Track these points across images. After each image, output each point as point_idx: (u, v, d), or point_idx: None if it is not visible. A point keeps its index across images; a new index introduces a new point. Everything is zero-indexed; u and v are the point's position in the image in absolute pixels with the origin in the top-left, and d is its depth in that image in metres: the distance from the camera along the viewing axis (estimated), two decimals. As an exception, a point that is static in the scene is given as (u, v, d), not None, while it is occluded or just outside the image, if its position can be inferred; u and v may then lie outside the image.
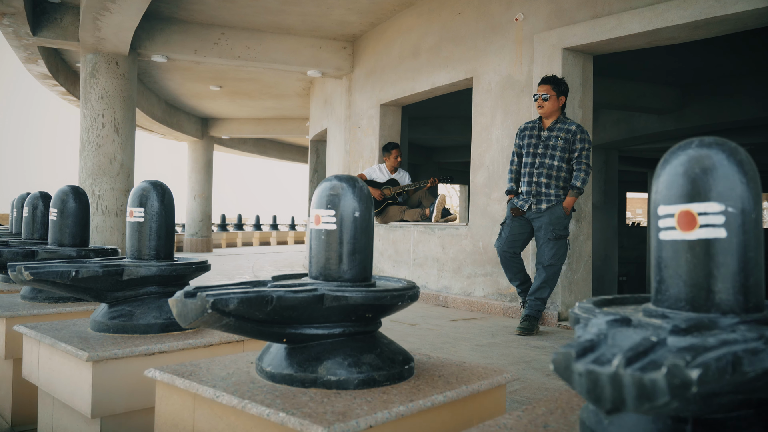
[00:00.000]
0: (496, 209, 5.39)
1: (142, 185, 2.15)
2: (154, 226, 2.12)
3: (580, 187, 4.38)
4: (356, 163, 7.59)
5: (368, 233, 1.56)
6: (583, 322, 0.99)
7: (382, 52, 7.11)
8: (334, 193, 1.52)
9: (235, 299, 1.28)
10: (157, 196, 2.13)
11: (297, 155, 18.17)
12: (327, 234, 1.52)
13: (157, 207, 2.13)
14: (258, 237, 18.82)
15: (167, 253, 2.17)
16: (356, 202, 1.52)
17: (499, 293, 5.32)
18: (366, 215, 1.54)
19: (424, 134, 13.11)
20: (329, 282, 1.51)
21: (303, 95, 11.09)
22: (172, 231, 2.21)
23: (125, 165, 7.03)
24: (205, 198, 14.08)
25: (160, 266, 2.04)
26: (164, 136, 13.82)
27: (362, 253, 1.54)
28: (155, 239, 2.12)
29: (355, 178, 1.57)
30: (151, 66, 9.28)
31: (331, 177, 1.57)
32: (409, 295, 1.51)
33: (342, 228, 1.51)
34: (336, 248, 1.51)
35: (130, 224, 2.14)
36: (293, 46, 7.59)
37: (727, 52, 7.77)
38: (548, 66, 4.87)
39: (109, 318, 2.03)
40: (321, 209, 1.53)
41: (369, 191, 1.58)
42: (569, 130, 4.39)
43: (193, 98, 11.89)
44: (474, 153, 5.67)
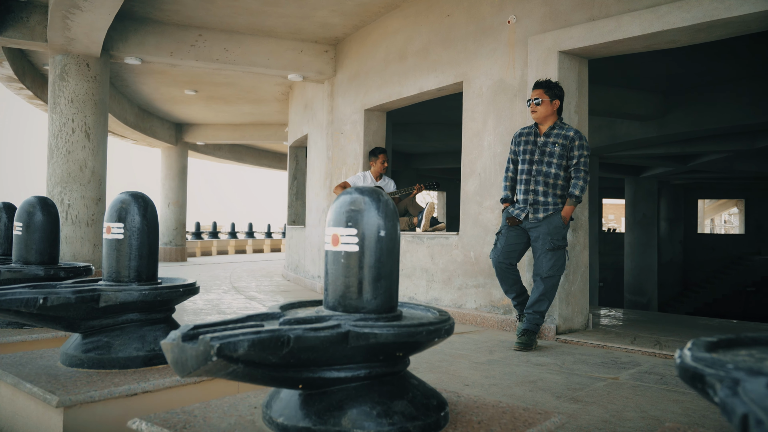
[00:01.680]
0: (489, 218, 5.19)
1: (122, 197, 1.89)
2: (135, 243, 1.86)
3: (578, 196, 4.22)
4: (339, 170, 7.35)
5: (394, 255, 1.32)
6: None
7: (367, 55, 6.89)
8: (356, 208, 1.29)
9: (246, 342, 1.03)
10: (139, 209, 1.87)
11: (274, 162, 17.84)
12: (347, 257, 1.28)
13: (138, 222, 1.87)
14: (233, 245, 18.41)
15: (150, 274, 1.90)
16: (381, 219, 1.29)
17: (492, 305, 5.12)
18: (392, 234, 1.31)
19: (404, 140, 12.93)
20: (350, 313, 1.28)
21: (282, 100, 10.82)
22: (156, 249, 1.95)
23: (97, 172, 6.68)
24: (179, 206, 13.69)
25: (142, 290, 1.78)
26: (137, 142, 13.41)
27: (388, 279, 1.30)
28: (136, 259, 1.86)
29: (379, 192, 1.34)
30: (124, 69, 8.93)
31: (350, 190, 1.34)
32: (446, 329, 1.28)
33: (364, 249, 1.28)
34: (358, 273, 1.28)
35: (107, 242, 1.88)
36: (273, 48, 7.33)
37: (710, 59, 7.72)
38: (543, 70, 4.70)
39: (83, 350, 1.76)
40: (340, 227, 1.29)
41: (395, 206, 1.35)
42: (566, 136, 4.22)
43: (168, 103, 11.53)
44: (465, 160, 5.48)
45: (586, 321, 4.80)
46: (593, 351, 4.14)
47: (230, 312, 5.73)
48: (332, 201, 7.10)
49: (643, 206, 17.19)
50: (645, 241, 17.12)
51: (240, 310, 5.92)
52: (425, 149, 15.32)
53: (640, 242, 17.06)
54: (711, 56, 7.54)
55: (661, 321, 5.55)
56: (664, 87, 9.22)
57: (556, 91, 4.29)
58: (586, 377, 3.38)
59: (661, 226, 21.02)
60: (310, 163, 8.60)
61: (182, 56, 6.98)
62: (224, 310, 5.84)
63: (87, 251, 6.54)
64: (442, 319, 1.29)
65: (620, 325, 5.14)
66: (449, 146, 15.01)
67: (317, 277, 7.87)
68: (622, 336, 4.52)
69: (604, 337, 4.45)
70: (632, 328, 4.95)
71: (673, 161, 14.07)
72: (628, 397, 2.97)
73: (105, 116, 6.86)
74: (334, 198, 6.79)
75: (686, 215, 22.49)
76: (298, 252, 9.01)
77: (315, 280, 7.93)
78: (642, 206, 17.18)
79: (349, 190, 1.34)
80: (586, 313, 4.82)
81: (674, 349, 4.07)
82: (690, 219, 22.95)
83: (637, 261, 16.93)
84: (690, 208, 23.04)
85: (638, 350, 4.09)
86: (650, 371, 3.55)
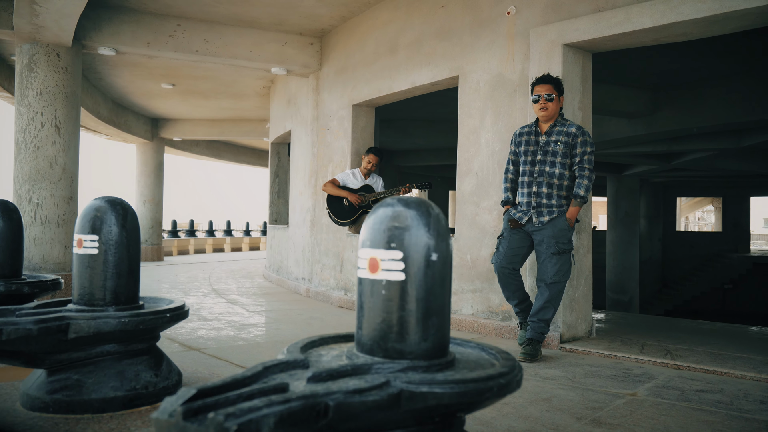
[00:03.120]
0: (486, 219, 4.94)
1: (96, 204, 1.58)
2: (112, 259, 1.55)
3: (584, 196, 3.99)
4: (325, 168, 7.04)
5: (447, 285, 1.04)
6: None
7: (355, 48, 6.59)
8: (401, 225, 1.00)
9: (272, 418, 0.75)
10: (117, 218, 1.56)
11: (253, 158, 17.43)
12: (389, 288, 1.00)
13: (116, 233, 1.56)
14: (211, 244, 17.95)
15: (130, 295, 1.60)
16: (433, 238, 1.01)
17: (490, 311, 4.87)
18: (446, 258, 1.03)
19: (388, 137, 12.66)
20: (392, 360, 0.99)
21: (263, 95, 10.45)
22: (137, 265, 1.64)
23: (68, 169, 6.28)
24: (155, 203, 13.24)
25: (121, 317, 1.47)
26: (111, 138, 12.92)
27: (440, 316, 1.03)
28: (113, 278, 1.55)
29: (427, 203, 1.05)
30: (97, 60, 8.50)
31: (392, 201, 1.05)
32: (517, 380, 1.00)
33: (412, 278, 0.99)
34: (403, 309, 1.00)
35: (78, 258, 1.57)
36: (256, 40, 6.98)
37: (702, 55, 7.56)
38: (546, 64, 4.46)
39: (48, 391, 1.45)
40: (379, 249, 1.00)
41: (447, 222, 1.07)
42: (569, 132, 3.99)
43: (143, 97, 11.08)
44: (461, 158, 5.21)
45: (589, 328, 4.57)
46: (602, 362, 3.91)
47: (211, 318, 5.41)
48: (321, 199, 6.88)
49: (625, 204, 17.15)
50: (627, 239, 17.10)
51: (222, 315, 5.59)
52: (408, 146, 15.06)
53: (622, 240, 17.03)
54: (703, 52, 7.38)
55: (663, 326, 5.35)
56: (653, 83, 9.06)
57: (562, 86, 4.07)
58: (602, 393, 3.14)
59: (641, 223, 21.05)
60: (293, 160, 8.27)
61: (160, 47, 6.60)
62: (205, 316, 5.51)
63: (57, 253, 6.15)
64: (510, 367, 1.02)
65: (622, 331, 4.93)
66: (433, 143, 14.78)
67: (301, 279, 7.57)
68: (629, 344, 4.30)
69: (611, 346, 4.23)
70: (636, 334, 4.74)
71: (658, 159, 14.01)
72: (653, 418, 2.73)
73: (77, 110, 6.46)
74: (324, 196, 6.53)
75: (665, 213, 22.59)
76: (281, 252, 8.68)
77: (299, 282, 7.62)
78: (624, 204, 17.14)
79: (390, 201, 1.05)
80: (590, 319, 4.59)
81: (686, 358, 3.86)
82: (669, 217, 23.06)
83: (620, 259, 16.90)
84: (669, 206, 23.16)
85: (649, 360, 3.87)
86: (667, 385, 3.32)
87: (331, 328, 5.00)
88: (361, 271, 1.04)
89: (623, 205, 17.08)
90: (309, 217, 7.35)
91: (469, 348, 1.17)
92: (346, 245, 6.50)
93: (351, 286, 6.36)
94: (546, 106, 3.95)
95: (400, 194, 6.20)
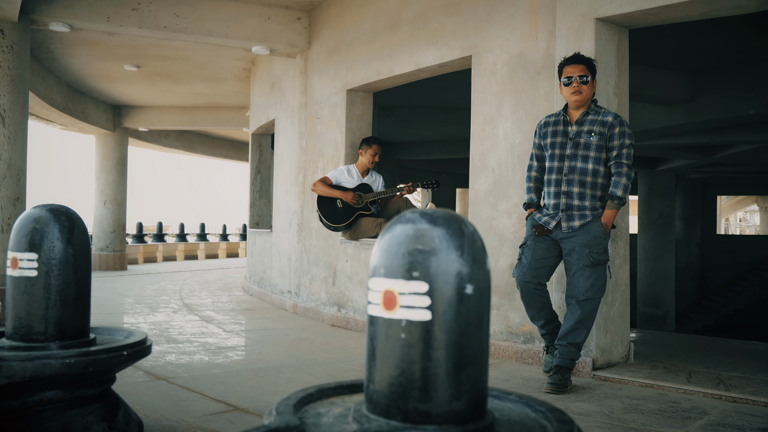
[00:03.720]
0: (505, 224, 4.82)
1: (35, 214, 1.45)
2: (55, 283, 1.42)
3: (621, 197, 3.88)
4: (315, 163, 6.91)
5: (485, 325, 0.92)
6: None
7: (350, 24, 6.47)
8: (424, 247, 0.88)
9: None
10: (62, 231, 1.43)
11: (231, 151, 17.30)
12: (410, 330, 0.87)
13: (60, 250, 1.43)
14: (183, 250, 17.80)
15: (78, 327, 1.47)
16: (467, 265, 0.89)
17: (510, 332, 4.75)
18: (483, 291, 0.90)
19: (387, 127, 12.54)
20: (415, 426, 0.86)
21: (242, 78, 10.33)
22: (87, 289, 1.50)
23: (14, 165, 6.14)
24: (118, 204, 13.10)
25: (65, 357, 1.34)
26: (66, 128, 12.77)
27: (476, 366, 0.90)
28: (57, 306, 1.42)
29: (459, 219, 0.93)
30: (49, 38, 8.35)
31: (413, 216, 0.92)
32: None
33: (440, 318, 0.87)
34: (427, 358, 0.87)
35: (13, 281, 1.43)
36: (235, 14, 6.85)
37: (747, 34, 7.46)
38: (576, 41, 4.34)
39: (-27, 450, 1.32)
40: (398, 280, 0.88)
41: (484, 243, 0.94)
42: (605, 122, 3.88)
43: (104, 81, 10.93)
44: (474, 152, 5.09)
45: (626, 352, 4.45)
46: (643, 393, 3.79)
47: (182, 340, 5.27)
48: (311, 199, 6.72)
49: (658, 204, 17.04)
50: (661, 244, 16.99)
51: (195, 336, 5.46)
52: (409, 137, 14.95)
53: (656, 246, 16.92)
54: (749, 30, 7.28)
55: (710, 348, 5.24)
56: (693, 66, 8.96)
57: (595, 68, 3.96)
58: (648, 434, 3.02)
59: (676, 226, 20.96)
60: (278, 154, 8.14)
61: (122, 22, 6.46)
62: (175, 337, 5.38)
63: (1, 263, 6.00)
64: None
65: (662, 354, 4.81)
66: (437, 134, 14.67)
67: (287, 293, 7.44)
68: (674, 372, 4.18)
69: (653, 374, 4.11)
70: (680, 359, 4.62)
71: (697, 152, 13.91)
72: (711, 465, 2.61)
73: (25, 96, 6.32)
74: (314, 196, 6.41)
75: (704, 214, 22.49)
76: (263, 261, 8.55)
77: (284, 295, 7.49)
78: (657, 204, 17.03)
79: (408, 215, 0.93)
80: (627, 342, 4.48)
81: (743, 389, 3.75)
82: (708, 218, 22.97)
83: (653, 267, 16.79)
84: (708, 206, 23.07)
85: (698, 391, 3.76)
86: (723, 423, 3.20)
87: (323, 353, 4.87)
88: (372, 307, 0.91)
89: (656, 204, 16.97)
90: (296, 221, 7.23)
91: (510, 402, 1.04)
92: (339, 254, 6.37)
93: (345, 301, 6.24)
94: (580, 89, 3.83)
95: (403, 194, 6.10)
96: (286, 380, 3.94)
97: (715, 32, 7.49)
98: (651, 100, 9.42)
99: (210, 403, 3.36)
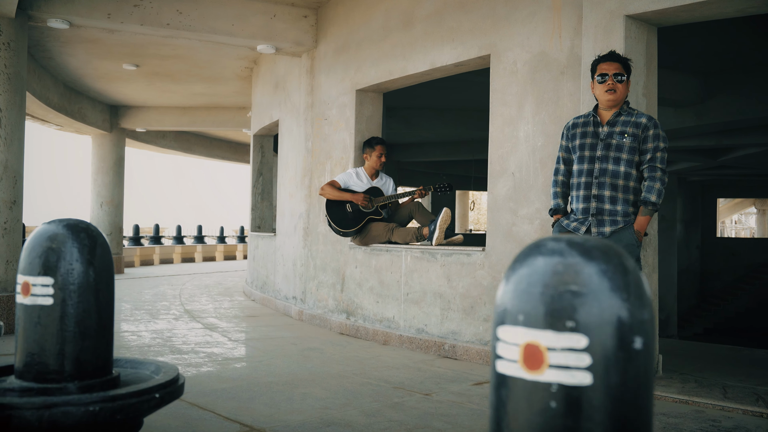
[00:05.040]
0: (526, 230, 4.62)
1: (50, 231, 1.23)
2: (74, 312, 1.21)
3: (656, 202, 3.71)
4: (322, 166, 6.69)
5: (651, 388, 0.71)
6: None
7: (360, 21, 6.25)
8: (579, 288, 0.68)
9: None
10: (81, 251, 1.23)
11: (229, 153, 17.07)
12: (563, 396, 0.66)
13: (80, 274, 1.22)
14: (180, 252, 17.54)
15: (100, 364, 1.25)
16: (633, 311, 0.67)
17: (531, 343, 4.54)
18: (652, 343, 0.69)
19: (389, 129, 12.29)
20: None
21: (244, 78, 10.10)
22: (110, 319, 1.29)
23: (11, 167, 5.90)
24: (115, 206, 12.85)
25: (89, 403, 1.13)
26: (62, 128, 12.52)
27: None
28: (76, 340, 1.21)
29: (616, 250, 0.71)
30: (47, 36, 8.11)
31: (556, 245, 0.72)
32: None
33: (602, 381, 0.65)
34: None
35: (25, 310, 1.22)
36: (239, 12, 6.63)
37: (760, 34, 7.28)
38: (604, 40, 4.13)
39: None
40: (544, 330, 0.67)
41: (647, 282, 0.73)
42: (638, 123, 3.69)
43: (101, 80, 10.69)
44: (493, 155, 4.89)
45: (655, 365, 4.25)
46: (679, 410, 3.58)
47: (187, 350, 5.05)
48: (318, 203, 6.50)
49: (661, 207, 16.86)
50: (664, 247, 16.79)
51: (200, 346, 5.24)
52: (410, 139, 14.76)
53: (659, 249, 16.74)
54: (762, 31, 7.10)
55: (737, 359, 5.05)
56: (705, 67, 8.78)
57: (630, 67, 3.76)
58: (696, 458, 2.82)
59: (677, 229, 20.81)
60: (282, 156, 7.92)
61: (123, 19, 6.23)
62: (179, 347, 5.15)
63: None
64: None
65: (688, 366, 4.60)
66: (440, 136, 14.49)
67: (292, 299, 7.22)
68: (707, 386, 3.98)
69: (685, 389, 3.91)
70: (710, 371, 4.43)
71: (703, 155, 13.74)
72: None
73: (22, 95, 6.08)
74: (321, 200, 6.19)
75: (704, 216, 22.35)
76: (266, 266, 8.33)
77: (289, 302, 7.27)
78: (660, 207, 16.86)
79: (552, 244, 0.72)
80: (656, 354, 4.27)
81: (784, 406, 3.55)
82: (708, 220, 22.83)
83: (655, 271, 16.60)
84: (708, 208, 22.93)
85: (737, 408, 3.55)
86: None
87: (335, 364, 4.66)
88: (505, 363, 0.70)
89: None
90: (302, 225, 7.01)
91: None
92: (348, 259, 6.15)
93: (354, 308, 6.02)
94: (615, 87, 3.64)
95: (415, 198, 5.89)
96: (300, 396, 3.72)
97: (729, 33, 7.32)
98: (661, 102, 9.12)
99: (224, 424, 3.14)
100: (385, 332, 5.55)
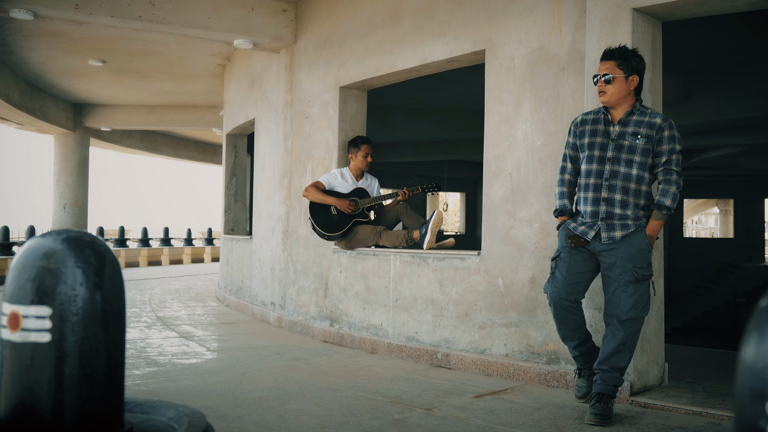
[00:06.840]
0: (525, 233, 4.41)
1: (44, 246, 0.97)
2: (76, 351, 0.94)
3: (670, 207, 3.53)
4: (303, 166, 6.41)
5: None
6: None
7: (344, 15, 5.99)
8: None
9: None
10: (86, 272, 0.97)
11: (197, 153, 16.65)
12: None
13: (84, 301, 0.96)
14: (146, 255, 17.02)
15: (109, 414, 0.99)
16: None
17: (531, 351, 4.34)
18: None
19: (363, 128, 12.11)
20: None
21: (216, 75, 9.76)
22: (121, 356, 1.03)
23: (-29, 167, 5.52)
24: (78, 207, 12.38)
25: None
26: (23, 127, 12.01)
27: None
28: (81, 386, 0.94)
29: None
30: (8, 28, 7.68)
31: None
32: None
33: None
34: None
35: (12, 348, 0.95)
36: (215, 4, 6.32)
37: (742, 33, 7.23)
38: (610, 34, 3.95)
39: None
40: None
41: None
42: (652, 124, 3.51)
43: (65, 76, 10.25)
44: (489, 155, 4.68)
45: (661, 373, 4.08)
46: (694, 422, 3.41)
47: (164, 362, 4.73)
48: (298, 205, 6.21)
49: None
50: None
51: (177, 357, 4.93)
52: (384, 139, 14.54)
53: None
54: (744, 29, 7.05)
55: (737, 365, 4.91)
56: (685, 67, 8.73)
57: (634, 63, 3.56)
58: (730, 479, 2.63)
59: (646, 229, 20.94)
60: (258, 156, 7.62)
61: (92, 10, 5.87)
62: (155, 359, 4.83)
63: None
64: None
65: (692, 373, 4.45)
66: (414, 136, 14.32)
67: (270, 305, 6.92)
68: (716, 395, 3.82)
69: (696, 399, 3.74)
70: (715, 378, 4.27)
71: (676, 156, 13.77)
72: None
73: (-18, 90, 5.69)
74: (304, 203, 5.90)
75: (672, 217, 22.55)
76: (242, 270, 8.01)
77: (267, 307, 6.97)
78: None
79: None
80: (662, 363, 4.11)
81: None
82: (674, 221, 23.06)
83: (627, 271, 16.65)
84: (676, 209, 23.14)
85: (755, 420, 3.39)
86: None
87: (324, 376, 4.39)
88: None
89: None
90: (281, 228, 6.72)
91: None
92: (332, 263, 5.89)
93: (339, 315, 5.76)
94: (603, 88, 3.51)
95: (399, 199, 5.65)
96: (293, 413, 3.45)
97: (712, 32, 7.26)
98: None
99: (215, 448, 2.86)
100: (373, 340, 5.30)
